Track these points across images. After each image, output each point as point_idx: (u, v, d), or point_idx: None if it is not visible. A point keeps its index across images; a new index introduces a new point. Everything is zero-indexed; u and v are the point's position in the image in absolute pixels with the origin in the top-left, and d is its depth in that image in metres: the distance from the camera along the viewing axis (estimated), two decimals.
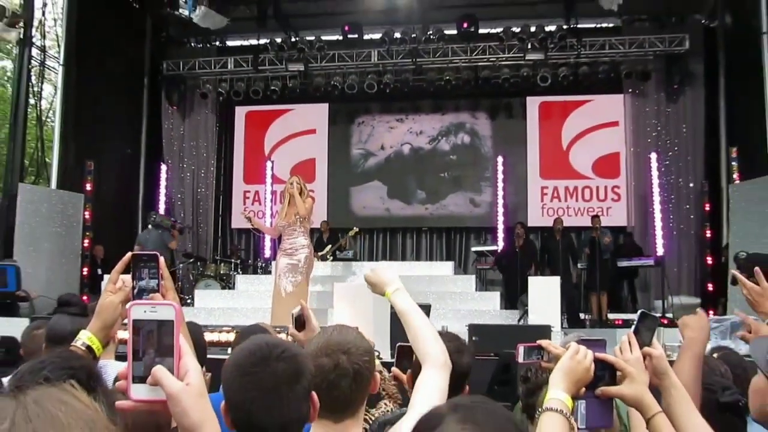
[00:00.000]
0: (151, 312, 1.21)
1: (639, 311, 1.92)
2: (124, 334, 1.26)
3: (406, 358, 2.50)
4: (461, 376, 2.51)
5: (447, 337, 2.51)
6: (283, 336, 3.11)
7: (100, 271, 11.83)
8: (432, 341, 2.21)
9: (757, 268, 2.35)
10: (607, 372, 1.75)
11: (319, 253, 11.77)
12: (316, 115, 14.93)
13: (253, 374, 1.63)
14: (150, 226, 12.11)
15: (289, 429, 1.64)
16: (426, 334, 2.22)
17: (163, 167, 14.73)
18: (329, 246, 12.51)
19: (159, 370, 1.17)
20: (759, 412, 1.68)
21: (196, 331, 3.19)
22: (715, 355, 3.27)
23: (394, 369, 2.79)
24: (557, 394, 1.62)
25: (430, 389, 2.07)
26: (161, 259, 1.65)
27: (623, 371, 1.73)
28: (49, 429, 0.82)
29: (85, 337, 1.87)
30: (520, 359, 1.91)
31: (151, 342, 1.20)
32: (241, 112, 15.32)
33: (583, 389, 1.68)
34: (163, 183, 14.63)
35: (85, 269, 12.16)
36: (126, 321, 1.22)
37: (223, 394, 1.67)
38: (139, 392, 1.19)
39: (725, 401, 2.27)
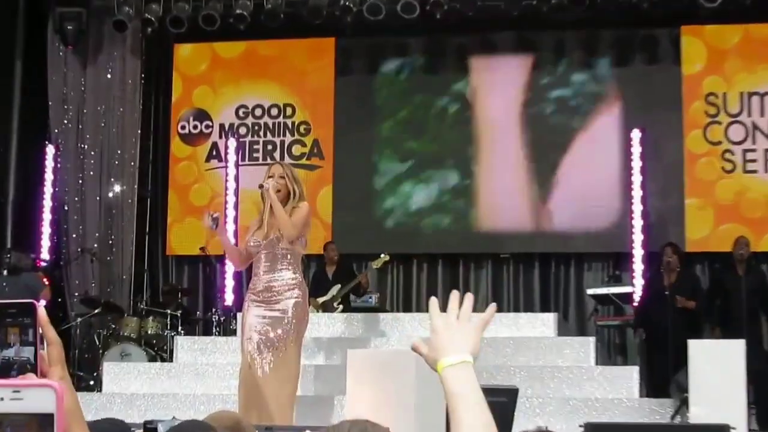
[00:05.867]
0: (14, 401, 0.96)
1: None
2: None
3: None
4: None
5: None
6: None
7: None
8: None
9: None
10: None
11: (320, 300, 9.44)
12: (312, 58, 10.96)
13: None
14: (5, 272, 9.87)
15: None
16: None
17: (49, 150, 10.96)
18: (338, 287, 9.55)
19: None
20: None
21: None
22: None
23: None
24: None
25: None
26: (41, 311, 1.15)
27: None
28: None
29: None
30: None
31: None
32: (183, 55, 11.33)
33: None
34: (48, 177, 10.82)
35: None
36: None
37: None
38: None
39: None
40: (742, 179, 10.14)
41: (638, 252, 9.68)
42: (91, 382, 9.18)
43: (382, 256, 9.27)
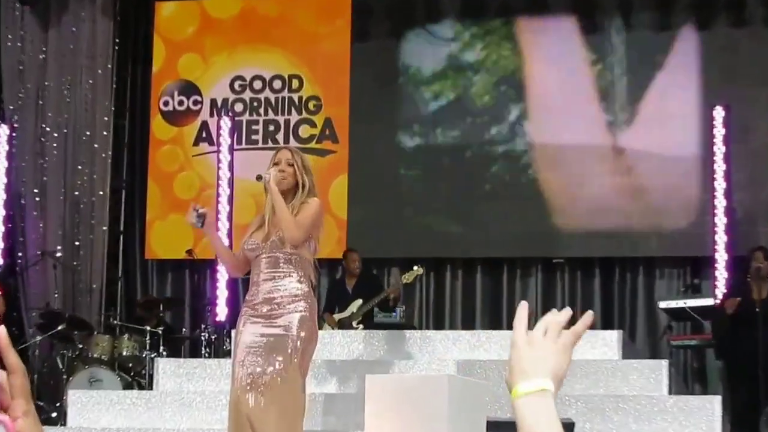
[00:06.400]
0: None
1: None
2: None
3: None
4: None
5: None
6: None
7: None
8: None
9: None
10: None
11: (338, 316, 8.75)
12: (324, 19, 10.28)
13: None
14: None
15: None
16: None
17: (2, 131, 10.40)
18: (359, 303, 8.74)
19: None
20: None
21: None
22: None
23: None
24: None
25: None
26: (1, 332, 1.07)
27: None
28: None
29: None
30: None
31: None
32: (166, 15, 10.68)
33: None
34: (1, 163, 10.30)
35: None
36: None
37: None
38: None
39: None
40: None
41: (721, 256, 8.87)
42: (54, 415, 8.52)
43: (415, 268, 8.35)
